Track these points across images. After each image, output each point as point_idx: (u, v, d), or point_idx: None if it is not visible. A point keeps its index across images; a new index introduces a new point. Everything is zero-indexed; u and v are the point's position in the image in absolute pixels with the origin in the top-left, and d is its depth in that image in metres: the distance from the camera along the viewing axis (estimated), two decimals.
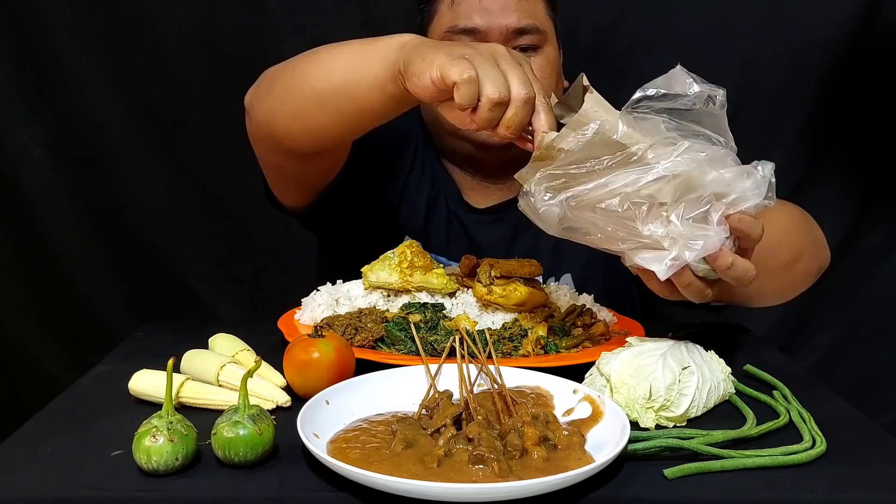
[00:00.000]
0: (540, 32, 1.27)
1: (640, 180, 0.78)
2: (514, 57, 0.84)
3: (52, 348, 1.90)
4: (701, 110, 0.81)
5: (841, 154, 1.79)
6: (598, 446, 0.74)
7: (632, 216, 0.80)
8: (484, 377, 0.87)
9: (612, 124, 0.78)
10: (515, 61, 0.83)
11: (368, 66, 0.95)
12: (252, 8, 1.71)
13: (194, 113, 1.77)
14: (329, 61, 1.02)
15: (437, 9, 1.30)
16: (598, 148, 0.79)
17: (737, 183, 0.80)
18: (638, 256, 0.83)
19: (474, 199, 1.39)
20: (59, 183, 1.80)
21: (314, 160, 1.18)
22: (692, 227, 0.79)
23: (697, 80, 0.81)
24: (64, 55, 1.73)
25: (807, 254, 1.08)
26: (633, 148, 0.79)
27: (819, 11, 1.69)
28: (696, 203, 0.79)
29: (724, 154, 0.81)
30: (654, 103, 0.81)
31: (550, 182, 0.81)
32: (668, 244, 0.80)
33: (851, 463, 0.75)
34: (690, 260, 0.80)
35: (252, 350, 0.96)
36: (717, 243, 0.80)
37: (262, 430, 0.70)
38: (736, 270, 0.81)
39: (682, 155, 0.78)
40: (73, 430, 0.79)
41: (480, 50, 0.84)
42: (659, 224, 0.80)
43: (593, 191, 0.79)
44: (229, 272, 1.90)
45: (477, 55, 0.82)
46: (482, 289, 1.08)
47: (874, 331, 1.86)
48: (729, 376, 0.91)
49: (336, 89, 1.00)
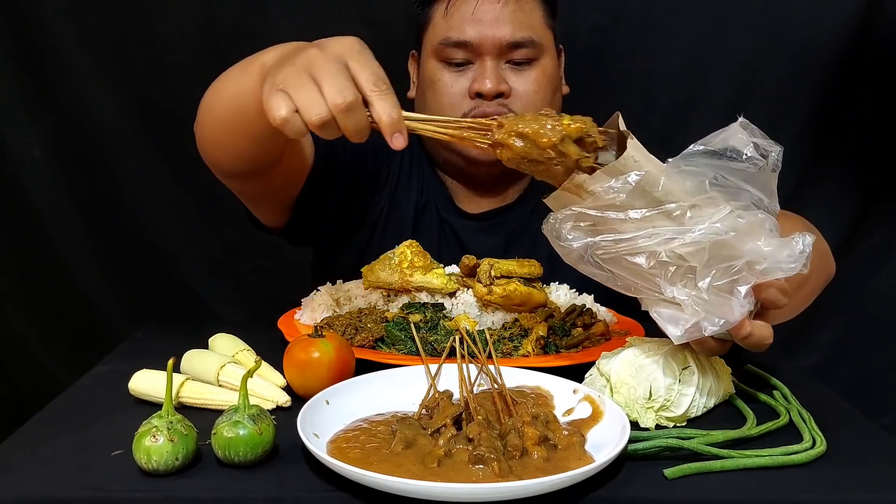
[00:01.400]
0: (535, 45, 1.25)
1: (673, 241, 0.75)
2: (330, 56, 0.76)
3: (52, 348, 1.90)
4: (751, 170, 0.78)
5: (841, 154, 1.79)
6: (598, 446, 0.74)
7: (657, 274, 0.77)
8: (484, 377, 0.87)
9: (654, 177, 0.76)
10: (332, 63, 0.75)
11: (247, 95, 0.91)
12: (252, 8, 1.71)
13: (194, 113, 1.77)
14: (221, 90, 1.01)
15: (433, 17, 1.29)
16: (635, 198, 0.76)
17: (773, 255, 0.76)
18: (655, 310, 0.80)
19: (467, 206, 1.38)
20: (59, 183, 1.80)
21: (260, 180, 1.15)
22: (717, 297, 0.76)
23: (756, 133, 0.78)
24: (64, 55, 1.73)
25: (815, 270, 1.07)
26: (671, 205, 0.76)
27: (819, 11, 1.69)
28: (727, 272, 0.76)
29: (763, 219, 0.78)
30: (705, 158, 0.78)
31: (578, 222, 0.78)
32: (690, 312, 0.77)
33: (851, 463, 0.76)
34: (709, 334, 0.78)
35: (252, 350, 0.96)
36: (739, 317, 0.77)
37: (262, 430, 0.70)
38: (753, 339, 0.80)
39: (721, 221, 0.75)
40: (73, 430, 0.79)
41: (297, 64, 0.77)
42: (682, 287, 0.77)
43: (620, 243, 0.77)
44: (229, 272, 1.90)
45: (291, 77, 0.76)
46: (482, 289, 1.08)
47: (874, 331, 1.86)
48: (729, 376, 0.91)
49: (235, 117, 0.98)
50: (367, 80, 0.75)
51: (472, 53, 1.25)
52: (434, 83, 1.28)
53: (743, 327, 0.78)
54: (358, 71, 0.75)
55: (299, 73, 0.76)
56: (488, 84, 1.22)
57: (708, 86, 1.74)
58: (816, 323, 1.85)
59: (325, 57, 0.76)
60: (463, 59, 1.25)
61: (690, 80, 1.74)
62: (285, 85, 0.76)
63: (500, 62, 1.25)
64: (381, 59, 0.79)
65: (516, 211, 1.38)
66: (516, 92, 1.26)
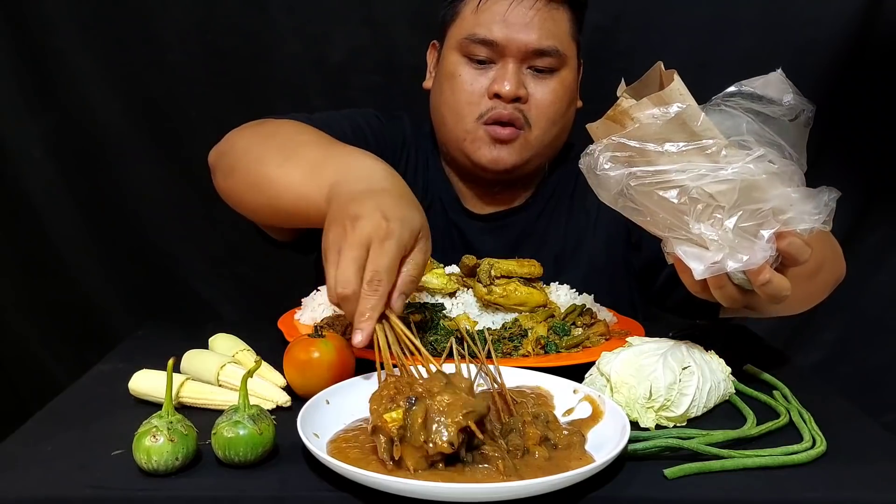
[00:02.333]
0: (559, 56, 1.26)
1: (705, 177, 0.77)
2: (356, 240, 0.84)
3: (52, 348, 1.90)
4: (786, 121, 0.80)
5: (841, 154, 1.79)
6: (598, 446, 0.74)
7: (686, 210, 0.79)
8: (484, 377, 0.87)
9: (695, 111, 0.77)
10: (355, 248, 0.84)
11: (290, 191, 1.00)
12: (252, 8, 1.71)
13: (194, 112, 1.78)
14: (262, 163, 1.06)
15: (461, 11, 1.29)
16: (674, 130, 0.77)
17: (799, 203, 0.78)
18: (679, 248, 0.82)
19: (475, 206, 1.38)
20: (59, 182, 1.80)
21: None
22: (742, 236, 0.78)
23: (793, 89, 0.81)
24: (64, 55, 1.73)
25: (828, 263, 1.08)
26: (708, 141, 0.77)
27: (819, 11, 1.69)
28: (753, 214, 0.78)
29: (794, 171, 0.80)
30: (744, 101, 0.81)
31: (616, 152, 0.80)
32: (714, 248, 0.79)
33: (852, 463, 0.75)
34: (731, 269, 0.79)
35: (252, 350, 0.96)
36: (760, 259, 0.79)
37: (262, 430, 0.70)
38: (771, 287, 0.81)
39: (753, 162, 0.77)
40: (74, 429, 0.79)
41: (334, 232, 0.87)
42: (710, 225, 0.79)
43: (655, 175, 0.78)
44: (229, 272, 1.90)
45: (329, 248, 0.87)
46: (482, 289, 1.08)
47: (875, 330, 1.87)
48: (729, 376, 0.91)
49: (270, 200, 1.05)
50: (367, 274, 0.83)
51: (496, 53, 1.25)
52: (454, 77, 1.28)
53: (763, 272, 0.79)
54: (370, 261, 0.84)
55: (332, 246, 0.86)
56: (507, 86, 1.23)
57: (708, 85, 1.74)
58: (817, 322, 1.85)
59: (351, 241, 0.84)
60: (485, 58, 1.25)
61: (690, 80, 1.73)
62: (327, 251, 0.87)
63: (522, 67, 1.25)
64: (381, 59, 0.79)
65: (524, 213, 1.38)
66: (534, 99, 1.26)
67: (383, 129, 1.36)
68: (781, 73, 0.82)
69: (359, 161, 0.98)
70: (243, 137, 1.14)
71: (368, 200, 0.88)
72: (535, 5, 1.24)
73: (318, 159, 1.01)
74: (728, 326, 1.27)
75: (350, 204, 0.88)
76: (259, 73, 1.75)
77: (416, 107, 1.45)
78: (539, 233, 1.38)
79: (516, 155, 1.27)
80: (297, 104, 1.75)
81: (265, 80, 1.75)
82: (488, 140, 1.26)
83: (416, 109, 1.45)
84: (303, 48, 1.73)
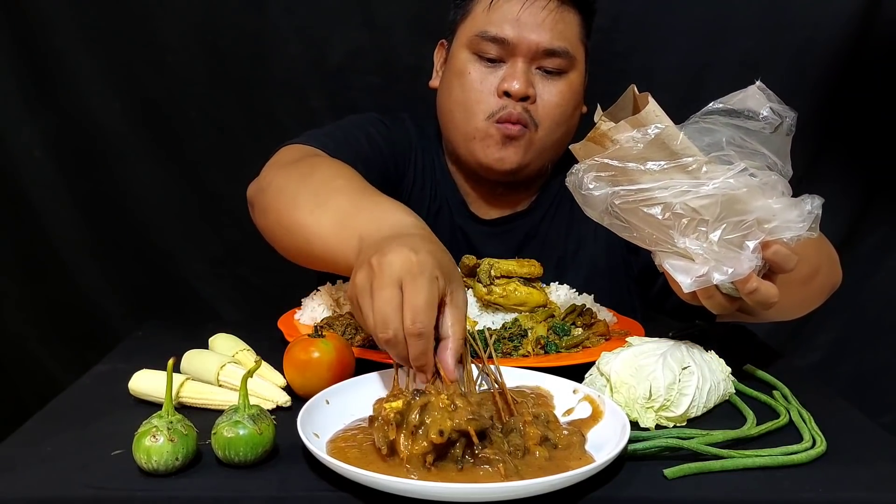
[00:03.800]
0: (569, 57, 1.26)
1: (687, 193, 0.79)
2: (387, 280, 0.78)
3: (52, 348, 1.90)
4: (766, 133, 0.82)
5: (841, 154, 1.79)
6: (598, 446, 0.74)
7: (671, 225, 0.81)
8: (484, 377, 0.87)
9: (673, 131, 0.79)
10: (387, 288, 0.77)
11: (335, 253, 0.95)
12: (252, 8, 1.71)
13: (194, 113, 1.77)
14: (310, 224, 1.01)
15: (473, 10, 1.29)
16: (654, 150, 0.79)
17: (783, 213, 0.80)
18: (667, 261, 0.83)
19: (480, 210, 1.39)
20: (59, 182, 1.80)
21: None
22: (727, 248, 0.80)
23: (773, 98, 0.82)
24: (64, 55, 1.72)
25: (824, 268, 1.08)
26: (688, 159, 0.79)
27: (819, 11, 1.69)
28: (737, 226, 0.80)
29: (776, 181, 0.81)
30: (723, 118, 0.82)
31: (600, 172, 0.82)
32: (700, 261, 0.81)
33: (851, 463, 0.76)
34: (717, 282, 0.81)
35: (252, 350, 0.96)
36: (746, 270, 0.80)
37: (262, 430, 0.70)
38: (759, 295, 0.82)
39: (734, 177, 0.79)
40: (74, 429, 0.79)
41: (363, 275, 0.81)
42: (695, 239, 0.80)
43: (638, 193, 0.80)
44: (229, 272, 1.90)
45: (359, 291, 0.80)
46: (482, 289, 1.08)
47: (874, 330, 1.86)
48: (729, 376, 0.91)
49: (315, 253, 1.01)
50: (407, 315, 0.76)
51: (507, 52, 1.25)
52: (463, 75, 1.28)
53: (750, 281, 0.81)
54: (406, 301, 0.77)
55: (362, 291, 0.80)
56: (516, 85, 1.23)
57: (708, 86, 1.74)
58: (816, 322, 1.85)
59: (381, 281, 0.78)
60: (496, 56, 1.26)
61: (690, 80, 1.73)
62: (357, 296, 0.81)
63: (532, 66, 1.26)
64: (380, 60, 0.79)
65: (528, 217, 1.39)
66: (541, 99, 1.27)
67: (390, 133, 1.36)
68: (760, 85, 0.83)
69: (388, 213, 0.94)
70: (279, 176, 1.11)
71: (394, 241, 0.83)
72: (547, 6, 1.24)
73: (350, 210, 0.97)
74: (728, 326, 1.27)
75: (375, 245, 0.84)
76: (259, 74, 1.74)
77: (416, 108, 1.45)
78: (542, 236, 1.39)
79: (521, 154, 1.27)
80: (296, 104, 1.75)
81: (265, 80, 1.75)
82: (499, 138, 1.26)
83: (415, 110, 1.45)
84: (302, 49, 1.73)
